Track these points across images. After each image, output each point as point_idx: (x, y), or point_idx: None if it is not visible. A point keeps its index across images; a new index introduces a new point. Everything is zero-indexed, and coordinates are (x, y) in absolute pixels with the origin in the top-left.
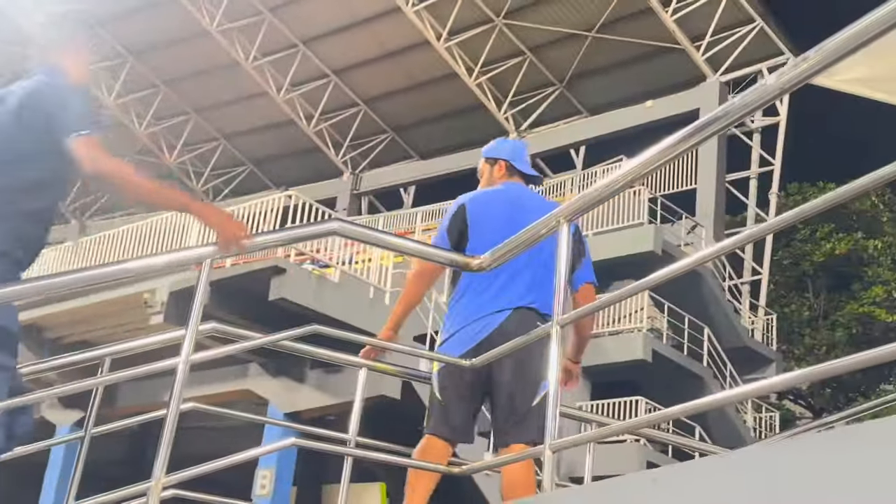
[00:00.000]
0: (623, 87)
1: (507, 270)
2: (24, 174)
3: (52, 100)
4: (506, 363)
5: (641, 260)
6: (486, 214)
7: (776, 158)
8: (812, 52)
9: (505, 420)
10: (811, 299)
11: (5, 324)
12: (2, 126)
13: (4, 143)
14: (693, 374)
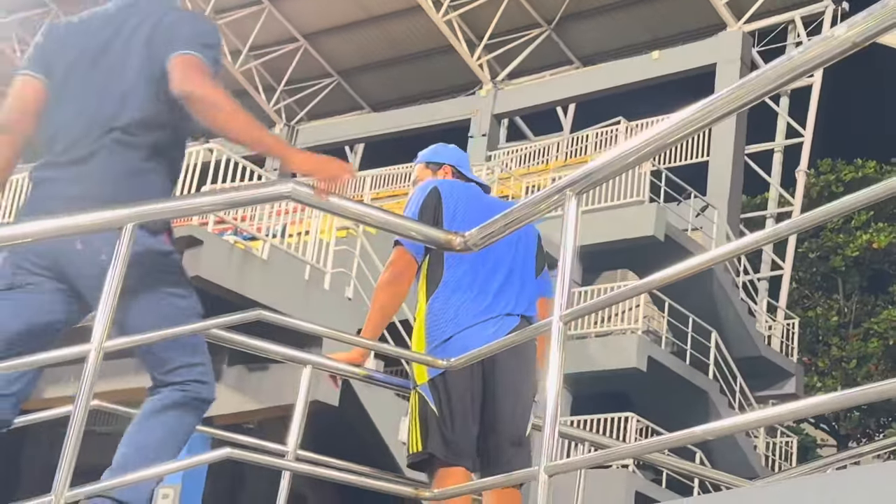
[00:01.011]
0: (624, 34)
1: (502, 267)
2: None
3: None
4: (506, 378)
5: (640, 246)
6: (461, 201)
7: (806, 129)
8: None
9: (504, 444)
10: (841, 302)
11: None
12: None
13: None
14: (696, 387)
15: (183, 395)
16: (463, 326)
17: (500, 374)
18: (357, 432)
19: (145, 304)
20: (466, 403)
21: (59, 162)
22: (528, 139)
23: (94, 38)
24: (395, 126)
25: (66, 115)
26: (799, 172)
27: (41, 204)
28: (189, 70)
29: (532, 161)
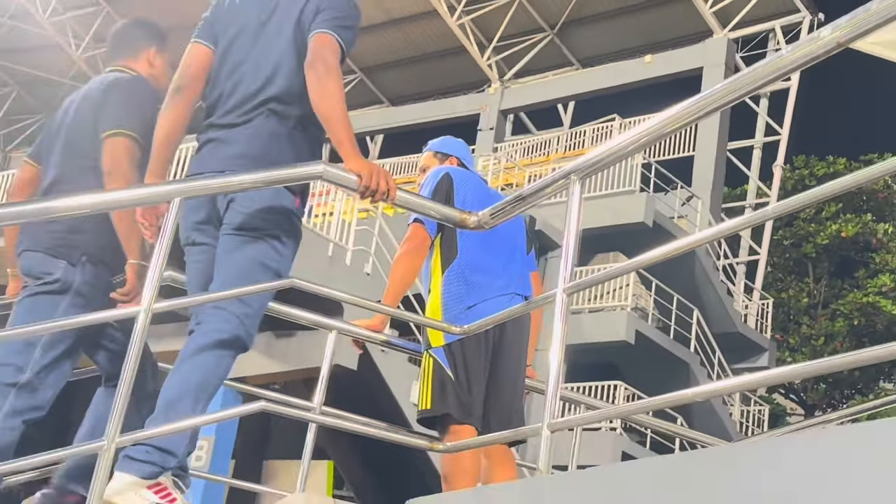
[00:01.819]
0: (620, 39)
1: (507, 246)
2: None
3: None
4: (511, 350)
5: (631, 231)
6: (470, 187)
7: (783, 127)
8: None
9: (506, 410)
10: (811, 285)
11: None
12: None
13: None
14: (678, 359)
15: (203, 338)
16: (484, 298)
17: (506, 346)
18: (373, 394)
19: (242, 254)
20: (479, 369)
21: (221, 124)
22: (531, 133)
23: (254, 13)
24: (412, 119)
25: (229, 83)
26: (776, 167)
27: (209, 162)
28: (323, 48)
29: (534, 153)
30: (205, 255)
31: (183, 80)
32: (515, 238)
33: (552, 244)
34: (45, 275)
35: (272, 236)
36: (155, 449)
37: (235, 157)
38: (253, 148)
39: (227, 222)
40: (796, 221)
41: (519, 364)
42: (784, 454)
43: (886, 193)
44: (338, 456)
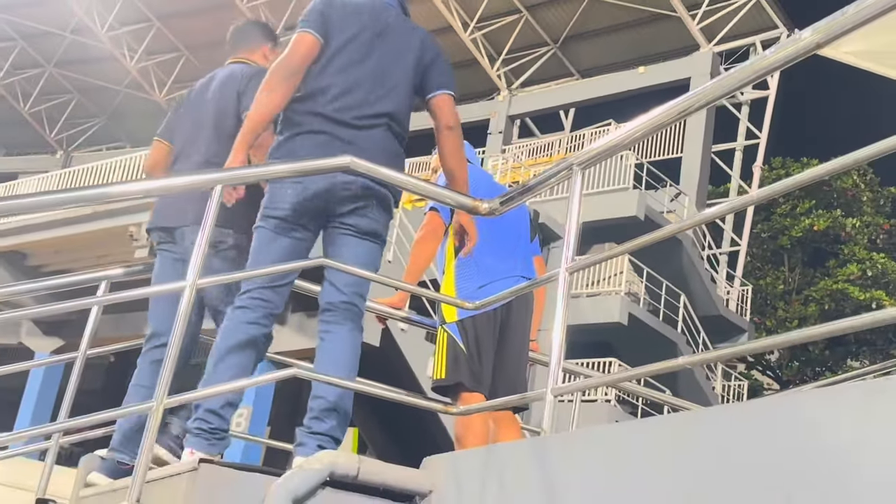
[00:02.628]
0: (616, 52)
1: (514, 234)
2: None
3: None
4: (517, 326)
5: (624, 224)
6: (479, 181)
7: (762, 132)
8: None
9: (512, 381)
10: (786, 273)
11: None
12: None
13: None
14: (667, 339)
15: (230, 313)
16: (493, 279)
17: (513, 323)
18: (394, 368)
19: (368, 255)
20: (488, 343)
21: (336, 119)
22: (535, 136)
23: (369, 23)
24: (425, 125)
25: (341, 78)
26: (755, 167)
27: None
28: (453, 109)
29: (538, 154)
30: (306, 243)
31: (296, 66)
32: (521, 227)
33: (554, 236)
34: (219, 243)
35: (383, 242)
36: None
37: (364, 152)
38: (380, 159)
39: (353, 224)
40: (773, 216)
41: (524, 339)
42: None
43: (854, 191)
44: (362, 423)
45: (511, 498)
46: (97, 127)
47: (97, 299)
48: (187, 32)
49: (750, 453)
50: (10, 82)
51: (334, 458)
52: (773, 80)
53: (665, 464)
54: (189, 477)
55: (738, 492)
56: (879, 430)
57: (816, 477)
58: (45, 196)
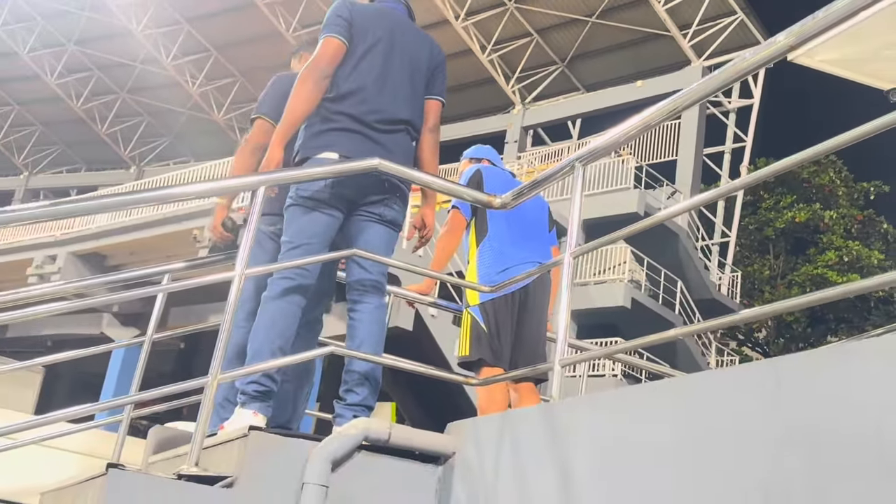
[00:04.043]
0: (617, 68)
1: (530, 225)
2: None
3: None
4: (535, 307)
5: (626, 220)
6: (496, 179)
7: (748, 136)
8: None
9: (530, 357)
10: (772, 260)
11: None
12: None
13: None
14: (667, 320)
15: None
16: (511, 265)
17: (530, 304)
18: (425, 349)
19: (391, 243)
20: (507, 322)
21: (368, 122)
22: (547, 144)
23: (388, 28)
24: (451, 136)
25: (370, 79)
26: (742, 168)
27: (363, 152)
28: (439, 114)
29: (550, 160)
30: (337, 221)
31: (325, 69)
32: (539, 219)
33: (563, 231)
34: (278, 230)
35: (399, 229)
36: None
37: (390, 155)
38: (402, 160)
39: (378, 213)
40: (759, 210)
41: (541, 318)
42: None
43: (831, 187)
44: (399, 398)
45: (525, 457)
46: (165, 145)
47: (159, 288)
48: (241, 59)
49: (742, 411)
50: (89, 107)
51: (368, 424)
52: (756, 89)
53: (662, 422)
54: (241, 443)
55: (733, 445)
56: (851, 386)
57: (803, 428)
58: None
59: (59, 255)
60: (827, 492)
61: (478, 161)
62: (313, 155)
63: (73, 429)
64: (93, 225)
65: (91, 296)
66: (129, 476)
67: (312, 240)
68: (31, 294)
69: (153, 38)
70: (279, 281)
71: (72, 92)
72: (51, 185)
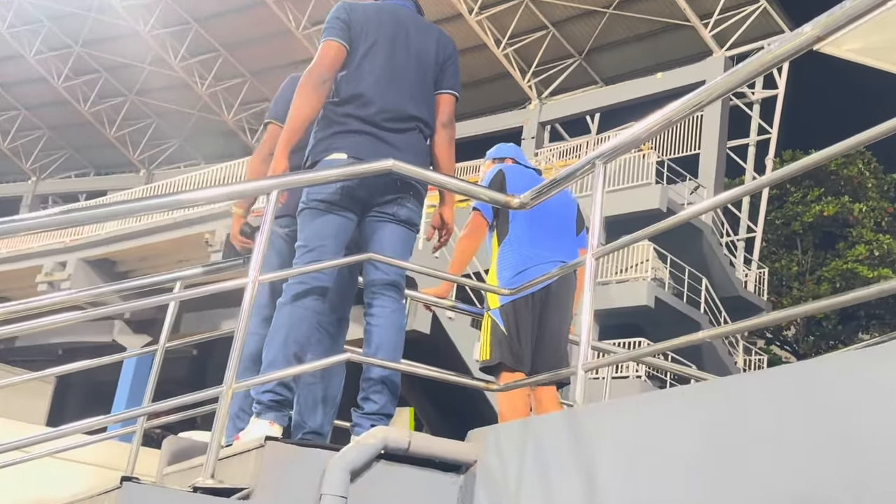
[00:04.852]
0: (636, 60)
1: (554, 226)
2: None
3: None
4: (556, 308)
5: (648, 216)
6: (520, 178)
7: (773, 128)
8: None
9: (551, 359)
10: (799, 256)
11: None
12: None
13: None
14: (691, 319)
15: (285, 293)
16: (531, 265)
17: (552, 305)
18: (443, 353)
19: (408, 243)
20: (527, 325)
21: (374, 121)
22: (564, 140)
23: (389, 28)
24: (468, 133)
25: (371, 78)
26: (768, 161)
27: (373, 153)
28: (453, 109)
29: (568, 156)
30: (351, 223)
31: (326, 73)
32: (565, 218)
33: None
34: (293, 232)
35: (417, 230)
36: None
37: (401, 154)
38: (416, 159)
39: (392, 213)
40: (786, 204)
41: (564, 319)
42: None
43: (860, 179)
44: (417, 403)
45: (547, 465)
46: (174, 147)
47: (172, 296)
48: (251, 59)
49: (769, 416)
50: (96, 110)
51: (387, 432)
52: (781, 79)
53: (691, 428)
54: (257, 454)
55: (765, 452)
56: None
57: (839, 434)
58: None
59: (69, 261)
60: (863, 502)
61: (500, 161)
62: (322, 158)
63: (87, 440)
64: (103, 231)
65: (103, 304)
66: (143, 489)
67: (326, 242)
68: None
69: (161, 39)
70: (294, 286)
71: (79, 95)
72: (59, 191)
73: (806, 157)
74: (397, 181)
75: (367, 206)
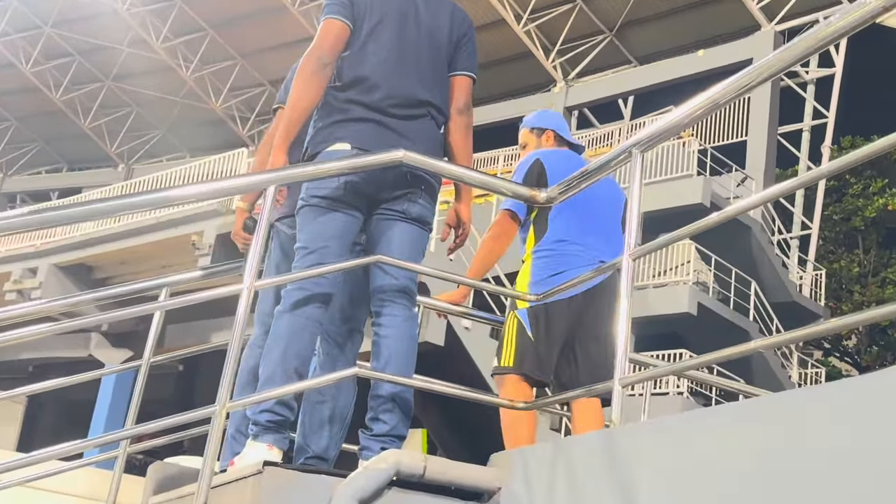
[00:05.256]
0: (674, 36)
1: (598, 223)
2: None
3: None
4: (598, 315)
5: (689, 212)
6: (561, 166)
7: (830, 111)
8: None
9: (592, 370)
10: (861, 255)
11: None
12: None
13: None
14: (739, 328)
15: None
16: (571, 267)
17: (595, 309)
18: (459, 367)
19: (421, 241)
20: (559, 331)
21: (381, 108)
22: (594, 127)
23: (396, 4)
24: (486, 120)
25: (376, 59)
26: (824, 148)
27: (383, 143)
28: (470, 92)
29: (598, 144)
30: (357, 221)
31: (327, 55)
32: (615, 215)
33: None
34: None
35: (430, 229)
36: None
37: (411, 144)
38: (428, 149)
39: (402, 210)
40: (845, 197)
41: (606, 328)
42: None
43: None
44: (431, 424)
45: (581, 492)
46: (156, 139)
47: (158, 305)
48: (241, 39)
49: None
50: (69, 98)
51: (399, 457)
52: (838, 56)
53: (744, 452)
54: (254, 481)
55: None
56: None
57: None
58: (107, 203)
59: (41, 267)
60: None
61: (540, 132)
62: (323, 149)
63: (64, 467)
64: (77, 232)
65: (79, 315)
66: None
67: (329, 243)
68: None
69: (140, 17)
70: (293, 292)
71: (50, 81)
72: (28, 188)
73: (867, 145)
74: (408, 174)
75: (373, 203)
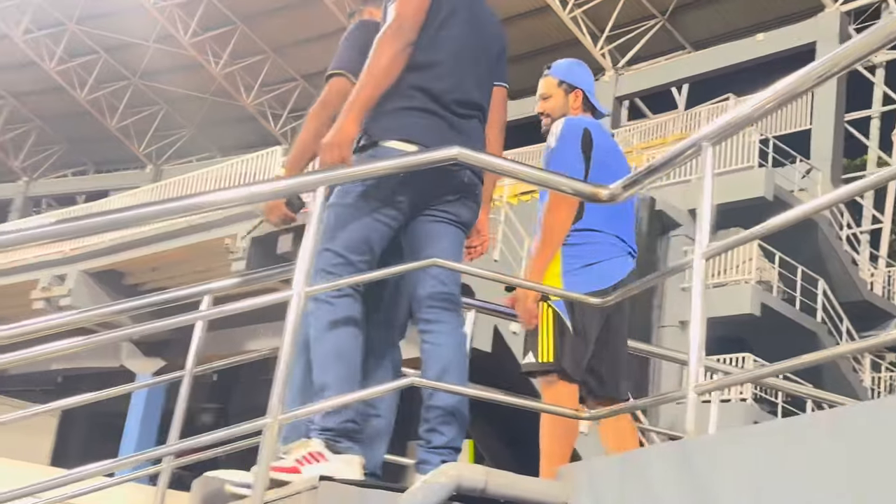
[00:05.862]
0: (731, 20)
1: (625, 212)
2: None
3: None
4: (622, 312)
5: (751, 206)
6: (608, 144)
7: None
8: None
9: (616, 369)
10: None
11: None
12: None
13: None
14: (806, 329)
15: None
16: (604, 258)
17: (625, 305)
18: (508, 374)
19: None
20: (593, 326)
21: (445, 102)
22: (646, 117)
23: (470, 3)
24: (525, 113)
25: (451, 61)
26: (895, 135)
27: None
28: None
29: (650, 136)
30: (396, 224)
31: (414, 33)
32: (631, 205)
33: (672, 223)
34: None
35: (469, 235)
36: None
37: (473, 143)
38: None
39: (455, 213)
40: None
41: (626, 325)
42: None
43: None
44: (477, 434)
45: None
46: (185, 138)
47: (201, 314)
48: (273, 32)
49: None
50: (95, 97)
51: (460, 470)
52: None
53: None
54: (309, 496)
55: None
56: None
57: None
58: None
59: (69, 274)
60: None
61: (570, 89)
62: (384, 139)
63: (105, 483)
64: (107, 238)
65: (114, 326)
66: None
67: (367, 256)
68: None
69: (168, 12)
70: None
71: (75, 80)
72: (54, 192)
73: None
74: (465, 176)
75: (420, 205)
